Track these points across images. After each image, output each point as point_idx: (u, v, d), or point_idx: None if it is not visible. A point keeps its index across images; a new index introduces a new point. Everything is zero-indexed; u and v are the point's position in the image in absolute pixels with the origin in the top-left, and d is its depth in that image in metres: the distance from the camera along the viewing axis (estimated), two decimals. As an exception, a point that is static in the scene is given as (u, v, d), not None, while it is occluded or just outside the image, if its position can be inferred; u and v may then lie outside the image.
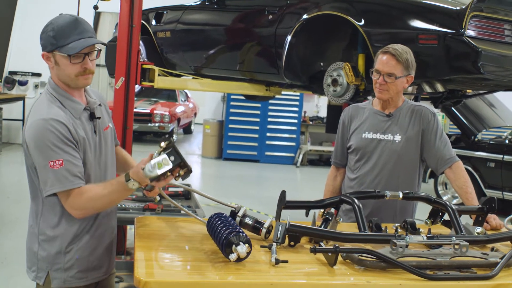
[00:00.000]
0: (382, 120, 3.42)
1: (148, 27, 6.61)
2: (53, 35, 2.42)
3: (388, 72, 3.25)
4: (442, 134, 3.41)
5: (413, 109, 3.42)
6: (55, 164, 2.35)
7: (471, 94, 5.64)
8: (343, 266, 2.22)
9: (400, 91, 3.38)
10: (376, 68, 3.31)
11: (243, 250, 2.13)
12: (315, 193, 2.94)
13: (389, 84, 3.27)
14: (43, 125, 2.37)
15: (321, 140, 14.33)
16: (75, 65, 2.45)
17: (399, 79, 3.26)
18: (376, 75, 3.30)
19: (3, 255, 5.81)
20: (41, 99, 2.50)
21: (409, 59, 3.28)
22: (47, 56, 2.47)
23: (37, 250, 2.52)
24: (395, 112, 3.42)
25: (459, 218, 2.62)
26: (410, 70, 3.30)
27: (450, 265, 2.21)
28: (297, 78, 5.18)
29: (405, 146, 3.37)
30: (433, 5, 4.09)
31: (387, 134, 3.39)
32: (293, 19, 4.90)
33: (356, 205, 2.54)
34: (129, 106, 5.20)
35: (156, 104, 15.06)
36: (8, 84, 13.37)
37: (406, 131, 3.38)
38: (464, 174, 3.31)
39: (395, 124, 3.40)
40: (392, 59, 3.24)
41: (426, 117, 3.39)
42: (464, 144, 9.59)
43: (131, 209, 3.93)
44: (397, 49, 3.26)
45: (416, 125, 3.38)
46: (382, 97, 3.37)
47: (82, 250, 2.54)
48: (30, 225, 2.59)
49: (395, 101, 3.42)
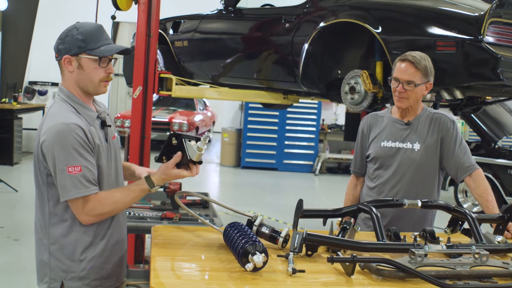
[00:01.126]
0: (401, 129, 3.39)
1: (165, 36, 6.64)
2: (82, 38, 2.44)
3: (408, 79, 3.22)
4: (461, 141, 3.37)
5: (432, 116, 3.39)
6: (73, 170, 2.37)
7: (491, 101, 5.58)
8: (360, 276, 2.19)
9: (419, 99, 3.35)
10: (394, 76, 3.28)
11: (260, 260, 2.11)
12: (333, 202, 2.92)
13: (409, 92, 3.24)
14: (65, 128, 2.38)
15: (339, 148, 14.29)
16: (100, 70, 2.49)
17: (418, 86, 3.24)
18: (395, 83, 3.28)
19: (22, 264, 5.85)
20: (55, 106, 2.50)
21: (428, 65, 3.26)
22: (70, 59, 2.47)
23: (48, 260, 2.51)
24: (414, 120, 3.39)
25: (479, 227, 2.58)
26: (429, 77, 3.28)
27: (470, 274, 2.17)
28: (314, 86, 5.17)
29: (424, 154, 3.33)
30: (451, 12, 4.06)
31: (406, 143, 3.36)
32: (310, 27, 4.90)
33: (374, 214, 2.51)
34: (147, 115, 5.23)
35: (174, 113, 15.11)
36: (28, 94, 13.50)
37: (425, 139, 3.34)
38: (485, 182, 3.27)
39: (414, 132, 3.37)
40: (411, 66, 3.22)
41: (445, 124, 3.36)
42: (484, 151, 9.50)
43: (148, 218, 3.93)
44: (415, 57, 3.23)
45: (435, 133, 3.35)
46: (402, 106, 3.34)
47: (97, 257, 2.55)
48: (38, 238, 2.57)
49: (414, 109, 3.39)
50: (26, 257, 6.07)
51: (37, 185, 2.54)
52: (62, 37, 2.48)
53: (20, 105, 12.26)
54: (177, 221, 3.89)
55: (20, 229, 7.18)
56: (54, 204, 2.48)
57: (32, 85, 13.70)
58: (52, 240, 2.50)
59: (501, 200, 9.20)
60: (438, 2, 4.31)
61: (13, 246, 6.44)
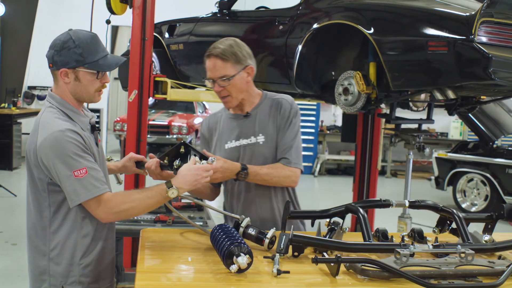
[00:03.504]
0: (241, 123, 3.07)
1: (161, 39, 6.65)
2: (80, 52, 2.45)
3: (220, 76, 2.92)
4: (295, 129, 3.06)
5: (271, 103, 3.07)
6: (79, 173, 2.37)
7: (486, 100, 5.58)
8: (346, 276, 2.20)
9: (245, 88, 3.02)
10: (208, 77, 2.98)
11: (244, 261, 2.12)
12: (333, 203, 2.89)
13: (228, 87, 2.94)
14: (61, 136, 2.38)
15: (338, 149, 14.31)
16: (97, 81, 2.51)
17: (234, 77, 2.92)
18: (211, 84, 2.99)
19: (20, 268, 5.86)
20: (47, 115, 2.49)
21: (237, 50, 2.93)
22: (66, 72, 2.47)
23: (47, 266, 2.51)
24: (253, 110, 3.07)
25: (466, 226, 2.59)
26: (243, 61, 2.95)
27: (455, 274, 2.18)
28: (308, 87, 5.16)
29: (270, 145, 3.02)
30: (442, 12, 4.05)
31: (249, 138, 3.04)
32: (304, 28, 4.89)
33: (361, 214, 2.52)
34: (143, 119, 5.24)
35: (174, 116, 15.11)
36: (27, 99, 13.53)
37: (267, 128, 3.03)
38: (278, 166, 2.99)
39: (254, 124, 3.05)
40: (218, 60, 2.90)
41: (284, 109, 3.04)
42: (483, 151, 9.52)
43: (142, 221, 3.94)
44: (219, 47, 2.91)
45: (273, 119, 3.04)
46: (231, 106, 3.06)
47: (95, 260, 2.56)
48: (33, 246, 2.56)
49: (249, 100, 3.07)
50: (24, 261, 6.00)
51: (34, 192, 2.52)
52: (57, 49, 2.47)
53: (19, 110, 12.29)
54: (170, 223, 3.91)
55: (19, 234, 7.18)
56: (56, 210, 2.49)
57: (31, 90, 13.72)
58: (52, 246, 2.50)
59: (499, 199, 9.21)
60: (429, 2, 4.31)
61: (11, 251, 6.46)
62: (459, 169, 9.78)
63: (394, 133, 5.45)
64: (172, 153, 2.74)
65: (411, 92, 4.48)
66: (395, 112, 4.88)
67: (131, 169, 2.95)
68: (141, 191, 2.53)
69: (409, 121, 5.31)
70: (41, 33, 13.52)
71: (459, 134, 14.30)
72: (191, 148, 2.71)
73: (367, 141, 7.32)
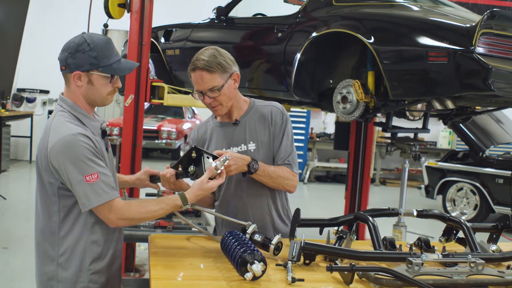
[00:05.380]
0: (230, 131, 3.06)
1: (157, 44, 6.64)
2: (95, 56, 2.44)
3: (209, 88, 2.88)
4: (289, 134, 3.11)
5: (262, 110, 3.07)
6: (91, 178, 2.36)
7: (480, 111, 5.63)
8: (359, 285, 2.21)
9: (234, 96, 3.01)
10: (196, 90, 2.94)
11: (259, 269, 2.13)
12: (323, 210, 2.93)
13: (218, 98, 2.91)
14: (73, 140, 2.37)
15: (328, 157, 14.34)
16: (109, 85, 2.51)
17: (223, 87, 2.90)
18: (200, 96, 2.94)
19: (11, 272, 5.82)
20: (58, 118, 2.47)
21: (221, 60, 2.89)
22: (79, 75, 2.47)
23: (56, 272, 2.49)
24: (242, 118, 3.06)
25: (474, 236, 2.61)
26: (229, 69, 2.92)
27: (466, 283, 2.20)
28: (306, 95, 5.18)
29: (261, 153, 3.01)
30: (442, 23, 4.10)
31: (240, 145, 3.02)
32: (303, 36, 4.91)
33: (371, 223, 2.53)
34: (139, 124, 5.24)
35: (163, 121, 15.09)
36: (16, 101, 13.45)
37: (257, 136, 3.03)
38: (284, 168, 3.02)
39: (245, 131, 3.04)
40: (205, 73, 2.86)
41: (275, 116, 3.05)
42: (472, 161, 9.59)
43: (141, 227, 3.92)
44: (204, 59, 2.86)
45: (266, 127, 3.05)
46: (221, 113, 3.02)
47: (105, 268, 2.55)
48: (41, 251, 2.54)
49: (237, 107, 3.06)
50: (16, 265, 6.03)
51: (44, 197, 2.50)
52: (71, 51, 2.45)
53: (8, 112, 12.21)
54: (170, 229, 3.89)
55: (9, 237, 7.13)
56: (65, 215, 2.47)
57: (20, 92, 13.66)
58: (61, 251, 2.48)
59: (489, 209, 9.28)
60: (430, 13, 4.35)
61: (2, 255, 6.40)
62: (449, 178, 9.84)
63: (390, 141, 5.49)
64: (184, 160, 2.75)
65: (409, 101, 4.50)
66: (391, 121, 4.92)
67: (144, 182, 2.96)
68: (156, 203, 2.55)
69: (405, 130, 5.35)
70: (31, 36, 13.47)
71: (447, 143, 14.40)
72: (203, 152, 2.72)
73: (360, 149, 7.37)
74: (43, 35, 13.35)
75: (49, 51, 13.22)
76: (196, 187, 2.60)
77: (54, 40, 13.39)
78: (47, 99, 13.74)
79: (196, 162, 2.72)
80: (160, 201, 2.58)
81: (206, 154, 2.71)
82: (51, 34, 13.25)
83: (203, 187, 2.60)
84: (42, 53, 13.19)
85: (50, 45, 13.32)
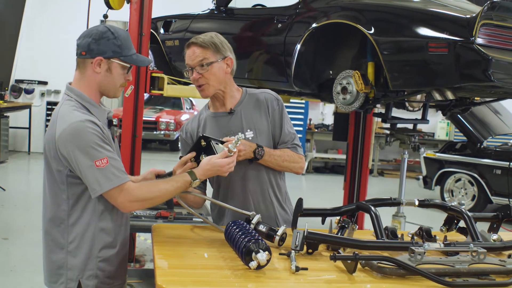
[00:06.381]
0: (226, 121, 3.04)
1: (156, 35, 6.63)
2: (119, 44, 2.49)
3: (198, 62, 2.90)
4: (287, 118, 3.13)
5: (257, 98, 3.09)
6: (101, 163, 2.38)
7: (479, 102, 5.64)
8: (362, 274, 2.23)
9: (224, 80, 3.00)
10: (186, 64, 2.96)
11: (263, 258, 2.15)
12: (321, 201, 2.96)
13: (206, 74, 2.90)
14: (81, 127, 2.38)
15: (326, 148, 14.37)
16: (123, 76, 2.54)
17: (213, 64, 2.90)
18: (190, 72, 2.95)
19: (12, 263, 5.84)
20: (65, 107, 2.48)
21: (217, 41, 2.94)
22: (100, 61, 2.49)
23: (65, 260, 2.51)
24: (236, 107, 3.06)
25: (475, 225, 2.63)
26: (223, 52, 2.94)
27: (468, 272, 2.22)
28: (306, 86, 5.18)
29: (260, 140, 3.01)
30: (443, 14, 4.10)
31: (237, 134, 3.00)
32: (302, 27, 4.91)
33: (373, 213, 2.55)
34: (138, 114, 5.24)
35: (161, 112, 15.09)
36: (14, 93, 13.42)
37: (255, 123, 3.04)
38: (289, 152, 3.10)
39: (241, 120, 3.03)
40: (198, 48, 2.90)
41: (271, 103, 3.08)
42: (470, 151, 9.62)
43: (143, 217, 3.95)
44: (199, 37, 2.93)
45: (263, 114, 3.06)
46: (207, 94, 2.99)
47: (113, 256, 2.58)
48: (50, 239, 2.55)
49: (230, 94, 3.06)
50: (16, 256, 6.05)
51: (52, 185, 2.52)
52: (96, 38, 2.47)
53: (7, 104, 12.18)
54: (172, 219, 3.92)
55: (9, 228, 7.15)
56: (74, 203, 2.49)
57: (18, 83, 13.63)
58: (71, 238, 2.50)
59: (486, 200, 9.32)
60: (430, 4, 4.35)
61: (2, 245, 6.41)
62: (447, 169, 9.87)
63: (390, 132, 5.49)
64: (194, 150, 2.76)
65: (408, 92, 4.51)
66: (391, 111, 4.92)
67: None
68: (166, 181, 2.60)
69: (405, 121, 5.36)
70: (30, 27, 13.43)
71: (445, 134, 14.43)
72: (211, 139, 2.75)
73: (359, 140, 7.38)
74: (41, 26, 13.32)
75: (47, 42, 13.28)
76: (204, 162, 2.65)
77: (53, 32, 13.48)
78: (45, 90, 13.72)
79: (206, 150, 2.74)
80: (170, 179, 2.62)
81: (215, 141, 2.75)
82: (50, 26, 13.24)
83: (211, 162, 2.63)
84: (40, 44, 13.18)
85: (49, 36, 13.35)
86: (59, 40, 12.85)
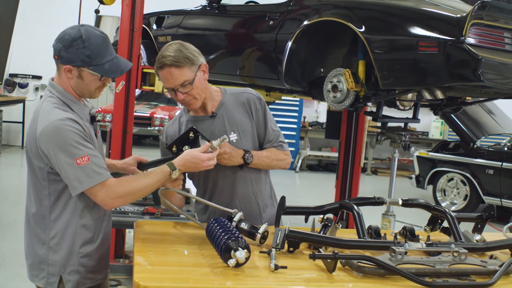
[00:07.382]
0: (208, 125, 3.00)
1: (149, 31, 6.62)
2: (88, 54, 2.43)
3: (180, 84, 2.83)
4: (271, 116, 3.11)
5: (237, 98, 3.06)
6: (81, 161, 2.37)
7: (471, 101, 5.63)
8: (342, 273, 2.22)
9: (206, 87, 2.96)
10: (167, 88, 2.88)
11: (242, 256, 2.14)
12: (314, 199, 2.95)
13: (191, 92, 2.87)
14: (61, 125, 2.37)
15: (320, 146, 14.36)
16: (99, 81, 2.51)
17: (195, 80, 2.85)
18: (172, 93, 2.87)
19: (1, 257, 5.82)
20: (46, 104, 2.48)
21: (188, 54, 2.83)
22: (70, 69, 2.46)
23: (46, 255, 2.52)
24: (218, 109, 3.02)
25: (458, 226, 2.63)
26: (196, 61, 2.86)
27: (449, 272, 2.22)
28: (297, 83, 5.18)
29: (244, 142, 3.00)
30: (433, 13, 4.09)
31: (220, 137, 2.86)
32: (294, 25, 4.90)
33: (356, 211, 2.54)
34: (129, 110, 5.23)
35: (156, 108, 15.02)
36: (8, 87, 13.38)
37: (237, 125, 3.01)
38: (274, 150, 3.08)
39: (223, 122, 3.00)
40: (172, 68, 2.80)
41: (253, 102, 3.05)
42: (463, 151, 9.62)
43: (130, 213, 3.92)
44: (169, 55, 2.79)
45: (246, 115, 3.04)
46: (196, 107, 2.96)
47: (94, 252, 2.57)
48: (33, 234, 2.56)
49: (210, 98, 3.02)
50: (5, 250, 6.03)
51: (34, 182, 2.53)
52: (66, 45, 2.43)
53: (1, 98, 12.17)
54: (159, 216, 3.88)
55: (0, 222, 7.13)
56: (56, 199, 2.49)
57: (12, 77, 13.59)
58: (52, 234, 2.51)
59: (478, 199, 9.33)
60: (421, 3, 4.35)
61: (-9, 240, 6.40)
62: (439, 168, 9.88)
63: (380, 131, 5.49)
64: (181, 140, 2.77)
65: (399, 91, 4.51)
66: (382, 110, 4.91)
67: (131, 168, 2.96)
68: (146, 175, 2.59)
69: (396, 120, 5.35)
70: (24, 21, 13.38)
71: (439, 134, 14.44)
72: (200, 134, 2.75)
73: (351, 138, 7.37)
74: (35, 21, 13.27)
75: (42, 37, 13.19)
76: (185, 153, 2.62)
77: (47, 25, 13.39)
78: (39, 85, 13.68)
79: (191, 143, 2.74)
80: (149, 172, 2.62)
81: (203, 137, 2.76)
82: (44, 20, 13.18)
83: (191, 153, 2.60)
84: (35, 38, 13.12)
85: (43, 30, 13.27)
86: (53, 34, 12.71)
